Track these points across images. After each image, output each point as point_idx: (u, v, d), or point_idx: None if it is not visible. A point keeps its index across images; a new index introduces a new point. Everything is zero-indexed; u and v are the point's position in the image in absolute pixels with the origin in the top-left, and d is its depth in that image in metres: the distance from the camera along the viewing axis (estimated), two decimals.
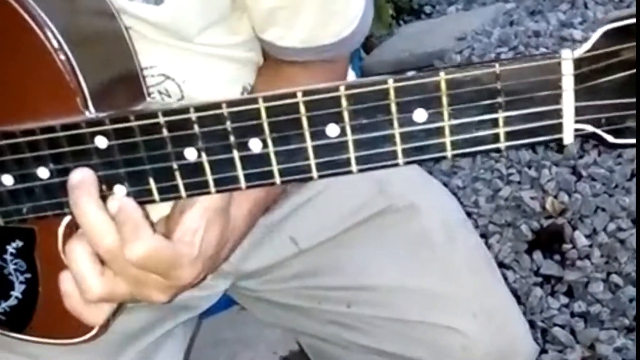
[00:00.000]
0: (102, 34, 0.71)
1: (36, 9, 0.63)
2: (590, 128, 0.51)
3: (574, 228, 1.81)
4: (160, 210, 0.69)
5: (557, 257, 1.78)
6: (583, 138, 0.53)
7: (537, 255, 1.79)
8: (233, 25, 0.86)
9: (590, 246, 1.76)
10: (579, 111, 0.51)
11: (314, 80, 0.70)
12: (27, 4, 0.63)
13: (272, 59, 0.89)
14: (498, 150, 0.53)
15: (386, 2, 2.88)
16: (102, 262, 0.65)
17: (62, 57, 0.63)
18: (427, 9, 3.14)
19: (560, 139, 0.52)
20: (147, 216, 0.64)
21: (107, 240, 0.61)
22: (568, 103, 0.51)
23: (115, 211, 0.62)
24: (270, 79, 0.89)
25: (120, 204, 0.62)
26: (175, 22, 0.80)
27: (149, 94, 0.76)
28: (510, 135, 0.53)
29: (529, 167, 1.98)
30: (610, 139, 0.51)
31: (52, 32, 0.63)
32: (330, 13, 0.83)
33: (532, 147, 2.03)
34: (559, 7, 2.61)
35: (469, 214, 1.08)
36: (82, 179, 0.62)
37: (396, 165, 0.56)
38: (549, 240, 1.81)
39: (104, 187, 0.64)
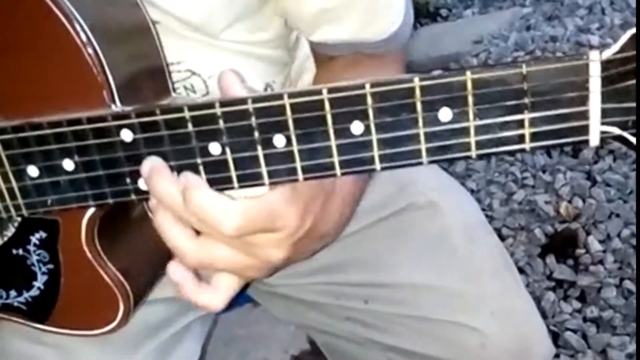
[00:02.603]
0: (130, 29, 0.72)
1: (65, 2, 0.64)
2: (616, 130, 0.51)
3: (588, 233, 1.81)
4: None
5: (570, 261, 1.78)
6: (605, 142, 0.53)
7: (551, 259, 1.79)
8: (260, 23, 0.86)
9: (604, 252, 1.76)
10: (605, 113, 0.51)
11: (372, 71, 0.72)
12: None
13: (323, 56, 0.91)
14: (523, 150, 0.54)
15: None
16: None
17: (90, 50, 0.64)
18: (444, 12, 3.14)
19: (586, 141, 0.52)
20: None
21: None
22: (595, 105, 0.51)
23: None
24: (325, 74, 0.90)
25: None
26: (201, 17, 0.80)
27: (174, 90, 0.76)
28: (535, 136, 0.53)
29: (544, 172, 1.98)
30: (636, 141, 0.51)
31: (80, 25, 0.64)
32: (378, 9, 0.85)
33: (547, 151, 2.03)
34: (577, 12, 2.61)
35: None
36: (152, 165, 0.62)
37: (420, 164, 0.56)
38: (562, 245, 1.81)
39: (127, 180, 0.65)
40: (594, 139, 0.52)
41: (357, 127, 0.56)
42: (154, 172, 0.62)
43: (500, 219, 1.89)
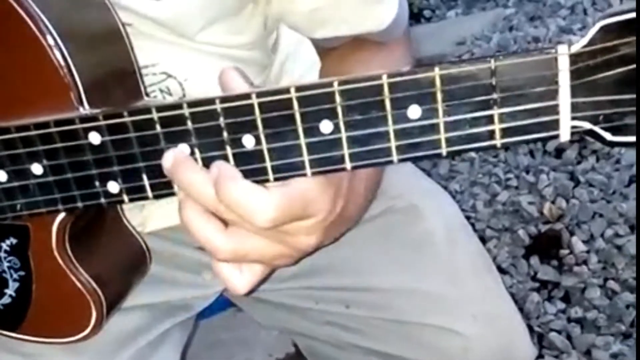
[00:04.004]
0: (98, 31, 0.71)
1: (31, 4, 0.63)
2: (587, 125, 0.51)
3: (572, 234, 1.81)
4: None
5: (554, 262, 1.78)
6: (581, 143, 0.52)
7: (535, 260, 1.79)
8: (238, 25, 0.85)
9: (588, 252, 1.76)
10: (575, 108, 0.51)
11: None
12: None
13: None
14: (494, 147, 0.53)
15: None
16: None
17: (57, 52, 0.63)
18: (427, 13, 3.14)
19: (557, 136, 0.52)
20: None
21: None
22: (564, 99, 0.51)
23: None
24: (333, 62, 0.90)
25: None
26: (175, 19, 0.79)
27: (146, 94, 0.75)
28: (506, 132, 0.52)
29: (527, 172, 1.98)
30: (608, 136, 0.50)
31: (47, 28, 0.63)
32: (372, 1, 0.84)
33: (530, 152, 2.03)
34: (559, 13, 2.62)
35: (466, 219, 1.07)
36: (175, 157, 0.60)
37: (390, 162, 0.55)
38: (546, 246, 1.81)
39: (97, 183, 0.64)
40: (564, 134, 0.51)
41: (326, 126, 0.56)
42: (179, 163, 0.60)
43: (484, 220, 1.89)
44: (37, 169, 0.65)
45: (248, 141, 0.58)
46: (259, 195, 0.58)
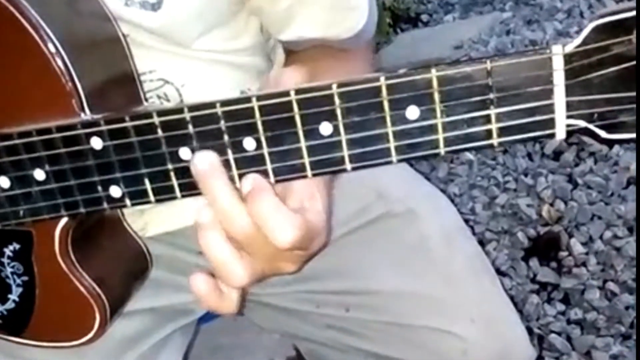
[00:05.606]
0: (98, 39, 0.72)
1: (32, 13, 0.64)
2: (582, 123, 0.52)
3: (570, 236, 1.81)
4: None
5: (553, 264, 1.78)
6: (578, 145, 0.53)
7: (534, 262, 1.79)
8: (234, 31, 0.86)
9: (587, 254, 1.76)
10: (570, 106, 0.51)
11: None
12: (24, 7, 0.64)
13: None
14: (491, 146, 0.54)
15: (384, 10, 2.89)
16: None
17: (58, 59, 0.64)
18: (425, 17, 3.15)
19: (553, 135, 0.52)
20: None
21: (242, 222, 0.59)
22: (559, 98, 0.51)
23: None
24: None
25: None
26: (172, 28, 0.80)
27: (146, 99, 0.76)
28: (502, 132, 0.53)
29: (526, 175, 1.99)
30: (602, 134, 0.51)
31: (48, 35, 0.64)
32: (345, 6, 0.85)
33: (528, 155, 2.04)
34: (556, 16, 2.62)
35: (465, 221, 1.07)
36: (211, 163, 0.59)
37: (390, 162, 0.56)
38: (545, 248, 1.81)
39: (99, 188, 0.64)
40: (560, 133, 0.52)
41: (325, 128, 0.56)
42: (213, 170, 0.59)
43: (483, 223, 1.90)
44: (39, 174, 0.65)
45: (249, 144, 0.58)
46: (286, 214, 0.58)
